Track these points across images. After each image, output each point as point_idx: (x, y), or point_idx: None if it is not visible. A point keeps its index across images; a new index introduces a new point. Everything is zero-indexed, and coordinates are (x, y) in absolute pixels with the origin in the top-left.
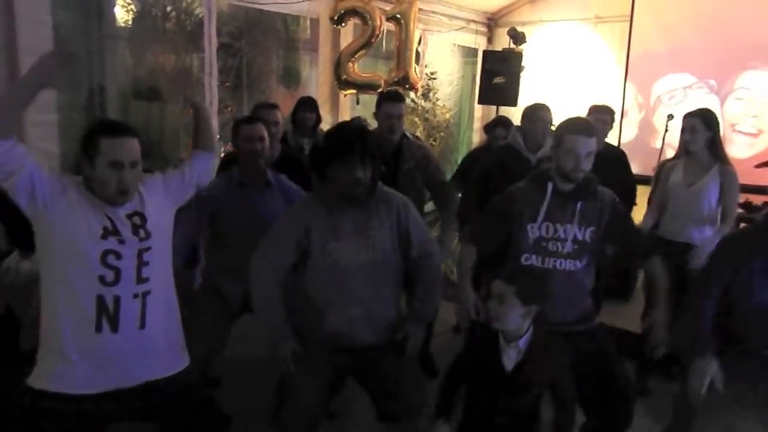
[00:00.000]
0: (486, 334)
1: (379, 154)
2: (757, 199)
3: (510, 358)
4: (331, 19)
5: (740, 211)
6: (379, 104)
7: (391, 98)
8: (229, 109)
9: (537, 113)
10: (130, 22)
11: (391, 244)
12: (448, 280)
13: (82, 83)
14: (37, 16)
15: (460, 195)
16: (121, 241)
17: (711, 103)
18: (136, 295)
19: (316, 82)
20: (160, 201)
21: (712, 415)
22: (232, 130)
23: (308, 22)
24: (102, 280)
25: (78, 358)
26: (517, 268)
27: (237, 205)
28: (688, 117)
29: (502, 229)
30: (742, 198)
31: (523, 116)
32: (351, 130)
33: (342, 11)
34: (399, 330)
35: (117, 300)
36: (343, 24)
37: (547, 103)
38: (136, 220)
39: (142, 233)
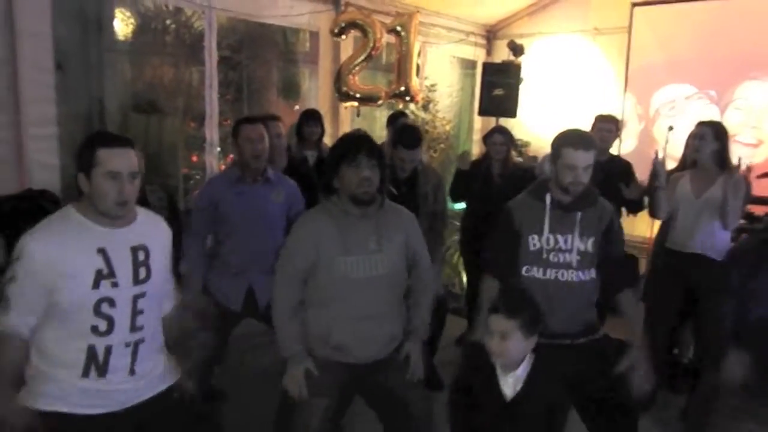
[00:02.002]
0: (482, 362)
1: (383, 159)
2: (759, 210)
3: (509, 386)
4: (331, 31)
5: (742, 221)
6: (394, 145)
7: (406, 144)
8: (229, 122)
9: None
10: (129, 36)
11: (398, 258)
12: (450, 293)
13: (81, 96)
14: (37, 29)
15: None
16: (115, 284)
17: (711, 113)
18: (128, 344)
19: (316, 94)
20: (165, 248)
21: (724, 429)
22: (232, 130)
23: (308, 35)
24: (95, 330)
25: (64, 385)
26: (515, 295)
27: (235, 201)
28: (701, 125)
29: (515, 247)
30: None
31: None
32: (356, 135)
33: (342, 24)
34: (402, 346)
35: (108, 349)
36: (343, 37)
37: (546, 115)
38: (141, 255)
39: (142, 273)
